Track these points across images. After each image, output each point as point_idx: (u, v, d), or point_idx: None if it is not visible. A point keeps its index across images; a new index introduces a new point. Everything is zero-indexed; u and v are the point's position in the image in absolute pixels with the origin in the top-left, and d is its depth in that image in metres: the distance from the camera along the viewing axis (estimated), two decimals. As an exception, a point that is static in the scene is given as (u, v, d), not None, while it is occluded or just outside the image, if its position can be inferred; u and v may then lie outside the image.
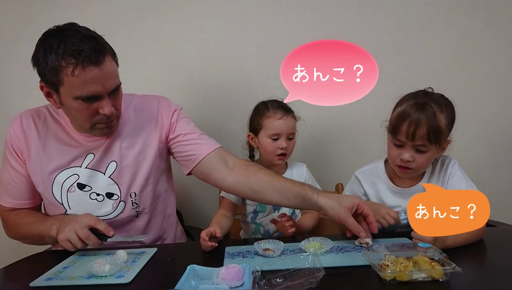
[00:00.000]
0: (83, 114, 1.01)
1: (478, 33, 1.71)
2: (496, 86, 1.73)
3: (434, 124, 1.02)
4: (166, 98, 1.24)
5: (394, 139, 1.08)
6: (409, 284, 0.76)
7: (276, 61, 1.70)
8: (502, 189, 1.77)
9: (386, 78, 1.69)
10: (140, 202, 1.16)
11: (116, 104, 1.04)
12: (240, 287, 0.75)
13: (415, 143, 1.04)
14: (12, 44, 1.66)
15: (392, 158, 1.12)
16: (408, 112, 1.04)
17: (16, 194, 1.14)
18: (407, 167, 1.08)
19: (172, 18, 1.67)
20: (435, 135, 1.02)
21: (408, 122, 1.03)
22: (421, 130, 1.02)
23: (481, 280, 0.79)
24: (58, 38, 0.93)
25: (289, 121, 1.30)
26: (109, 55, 0.99)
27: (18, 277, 0.95)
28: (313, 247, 0.96)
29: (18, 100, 1.68)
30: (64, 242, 0.97)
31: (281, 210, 1.32)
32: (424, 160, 1.08)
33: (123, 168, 1.12)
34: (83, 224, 0.97)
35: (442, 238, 0.93)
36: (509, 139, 1.76)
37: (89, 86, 0.95)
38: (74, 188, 1.11)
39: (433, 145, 1.04)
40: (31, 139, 1.11)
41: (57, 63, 0.92)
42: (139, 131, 1.16)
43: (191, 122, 1.23)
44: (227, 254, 0.97)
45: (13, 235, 1.15)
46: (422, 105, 1.04)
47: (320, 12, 1.68)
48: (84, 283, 0.83)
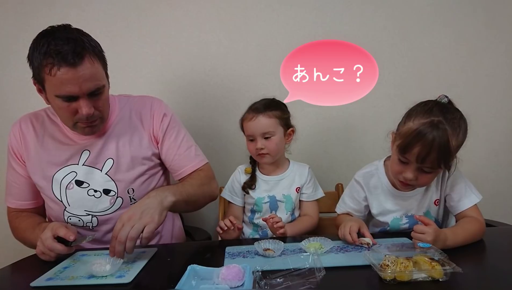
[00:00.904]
0: (64, 112, 1.04)
1: (477, 33, 1.71)
2: (495, 87, 1.73)
3: (446, 151, 0.97)
4: (160, 100, 1.27)
5: (401, 156, 1.03)
6: (409, 284, 0.76)
7: (276, 61, 1.71)
8: (502, 189, 1.77)
9: (385, 78, 1.70)
10: (138, 198, 1.17)
11: (97, 105, 1.06)
12: (240, 287, 0.75)
13: (423, 165, 1.00)
14: (11, 44, 1.66)
15: (395, 173, 1.09)
16: (421, 134, 0.97)
17: (18, 195, 1.19)
18: (408, 184, 1.07)
19: (171, 18, 1.67)
20: (444, 161, 0.99)
21: (420, 146, 0.97)
22: (432, 155, 0.97)
23: (481, 280, 0.79)
24: (45, 38, 0.97)
25: (260, 121, 1.27)
26: (90, 58, 1.00)
27: (19, 277, 0.95)
28: (314, 247, 0.96)
29: (18, 99, 1.68)
30: (41, 255, 0.98)
31: (278, 210, 1.33)
32: (427, 180, 1.07)
33: (120, 165, 1.15)
34: (48, 235, 0.96)
35: (443, 237, 0.93)
36: (509, 139, 1.76)
37: (66, 86, 0.98)
38: (73, 185, 1.13)
39: (437, 169, 1.02)
40: (30, 140, 1.16)
41: (40, 62, 0.97)
42: (134, 129, 1.19)
43: (181, 130, 1.25)
44: (227, 254, 0.97)
45: (17, 238, 1.19)
46: (436, 127, 0.97)
47: (319, 12, 1.68)
48: (84, 283, 0.83)
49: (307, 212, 1.36)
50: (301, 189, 1.36)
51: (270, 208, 1.33)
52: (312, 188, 1.37)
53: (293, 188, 1.34)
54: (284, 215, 1.32)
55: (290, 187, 1.34)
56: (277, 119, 1.29)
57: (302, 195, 1.36)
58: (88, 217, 1.15)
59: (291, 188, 1.34)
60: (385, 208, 1.17)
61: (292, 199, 1.33)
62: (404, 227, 1.16)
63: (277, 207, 1.33)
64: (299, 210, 1.38)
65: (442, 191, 1.15)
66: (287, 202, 1.33)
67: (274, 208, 1.33)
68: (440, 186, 1.15)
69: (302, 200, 1.37)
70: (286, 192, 1.33)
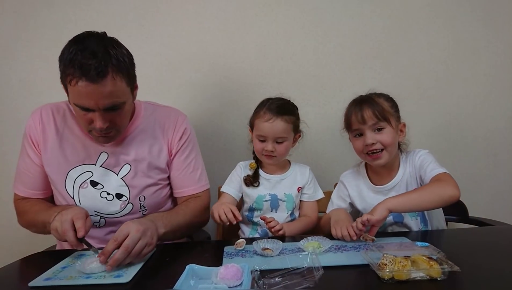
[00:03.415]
0: (81, 118, 1.06)
1: (476, 33, 1.71)
2: (494, 86, 1.73)
3: (376, 104, 1.17)
4: (185, 116, 1.29)
5: (351, 131, 1.23)
6: (407, 283, 0.76)
7: (275, 60, 1.71)
8: (501, 189, 1.78)
9: (384, 78, 1.70)
10: (147, 206, 1.20)
11: (114, 119, 1.05)
12: (239, 286, 0.75)
13: (368, 124, 1.16)
14: (11, 44, 1.66)
15: (359, 150, 1.22)
16: (352, 106, 1.22)
17: (29, 184, 1.18)
18: (375, 151, 1.17)
19: (170, 18, 1.67)
20: (380, 113, 1.15)
21: (354, 112, 1.19)
22: (367, 111, 1.16)
23: (479, 279, 0.79)
24: (76, 46, 0.97)
25: (277, 124, 1.24)
26: (114, 75, 0.98)
27: (17, 277, 0.95)
28: (312, 246, 0.96)
29: (17, 98, 1.68)
30: (53, 230, 0.97)
31: (278, 209, 1.32)
32: (385, 137, 1.17)
33: (136, 172, 1.17)
34: (68, 218, 0.94)
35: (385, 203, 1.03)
36: (508, 139, 1.77)
37: (83, 99, 0.98)
38: (87, 185, 1.14)
39: (384, 122, 1.16)
40: (49, 132, 1.15)
41: (64, 69, 0.98)
42: (155, 139, 1.21)
43: (193, 150, 1.27)
44: (226, 253, 0.97)
45: (22, 222, 1.19)
46: (362, 98, 1.23)
47: (318, 12, 1.68)
48: (82, 283, 0.83)
49: (306, 213, 1.36)
50: (302, 189, 1.36)
51: (270, 206, 1.32)
52: (312, 189, 1.37)
53: (295, 188, 1.34)
54: (284, 214, 1.32)
55: (292, 187, 1.34)
56: (292, 125, 1.29)
57: (303, 196, 1.36)
58: (96, 217, 1.16)
59: (293, 188, 1.34)
60: (368, 203, 1.25)
61: (293, 199, 1.33)
62: (389, 219, 1.23)
63: (278, 206, 1.33)
64: (299, 210, 1.38)
65: (417, 177, 1.22)
66: (288, 201, 1.33)
67: (275, 206, 1.33)
68: (415, 174, 1.22)
69: (302, 200, 1.37)
70: (287, 191, 1.33)
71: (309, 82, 1.70)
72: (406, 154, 1.27)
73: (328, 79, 1.71)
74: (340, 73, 1.71)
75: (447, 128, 1.74)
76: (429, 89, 1.72)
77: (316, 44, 1.69)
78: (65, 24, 1.65)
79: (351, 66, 1.70)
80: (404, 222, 1.23)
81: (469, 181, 1.75)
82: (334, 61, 1.70)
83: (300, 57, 1.69)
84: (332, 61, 1.70)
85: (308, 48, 1.69)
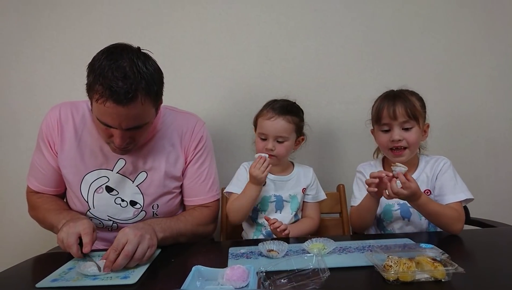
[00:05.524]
0: (101, 131, 1.05)
1: (477, 33, 1.72)
2: (495, 87, 1.74)
3: (409, 102, 1.18)
4: (203, 122, 1.28)
5: (379, 125, 1.23)
6: (412, 284, 0.77)
7: (277, 61, 1.71)
8: (502, 189, 1.78)
9: (386, 79, 1.70)
10: (160, 214, 1.19)
11: (134, 137, 1.05)
12: (245, 288, 0.76)
13: (399, 121, 1.17)
14: (13, 44, 1.66)
15: (384, 144, 1.23)
16: (385, 100, 1.22)
17: (42, 181, 1.18)
18: (398, 148, 1.19)
19: (173, 19, 1.67)
20: (412, 111, 1.17)
21: (387, 106, 1.19)
22: (400, 108, 1.17)
23: (483, 280, 0.80)
24: (107, 61, 0.93)
25: (278, 123, 1.26)
26: (142, 99, 0.96)
27: (24, 278, 0.95)
28: (316, 247, 0.97)
29: (18, 99, 1.67)
30: (59, 241, 0.97)
31: (283, 210, 1.33)
32: (412, 136, 1.18)
33: (152, 180, 1.16)
34: (75, 231, 0.95)
35: (418, 194, 1.06)
36: (508, 139, 1.77)
37: (107, 117, 0.97)
38: (102, 190, 1.14)
39: (413, 121, 1.18)
40: (67, 133, 1.13)
41: (91, 83, 0.96)
42: (172, 148, 1.19)
43: (208, 159, 1.26)
44: (230, 255, 0.98)
45: (32, 215, 1.19)
46: (395, 93, 1.23)
47: (320, 13, 1.68)
48: (89, 284, 0.84)
49: (309, 214, 1.36)
50: (306, 190, 1.37)
51: (275, 207, 1.33)
52: (315, 190, 1.38)
53: (299, 189, 1.35)
54: (288, 215, 1.32)
55: (296, 188, 1.35)
56: (294, 125, 1.29)
57: (306, 197, 1.37)
58: (109, 222, 1.17)
59: (298, 189, 1.35)
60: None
61: (298, 200, 1.34)
62: (396, 213, 1.23)
63: (283, 206, 1.33)
64: (301, 211, 1.38)
65: (433, 183, 1.23)
66: (292, 202, 1.33)
67: (280, 207, 1.33)
68: (430, 180, 1.23)
69: (305, 201, 1.38)
70: (292, 192, 1.34)
71: (311, 83, 1.71)
72: (427, 157, 1.28)
73: (331, 80, 1.71)
74: (343, 74, 1.71)
75: (448, 129, 1.75)
76: (430, 90, 1.72)
77: (319, 46, 1.70)
78: (67, 25, 1.65)
79: (353, 67, 1.71)
80: (411, 219, 1.23)
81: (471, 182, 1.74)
82: (336, 62, 1.71)
83: (303, 58, 1.70)
84: (334, 62, 1.70)
85: (311, 49, 1.70)
